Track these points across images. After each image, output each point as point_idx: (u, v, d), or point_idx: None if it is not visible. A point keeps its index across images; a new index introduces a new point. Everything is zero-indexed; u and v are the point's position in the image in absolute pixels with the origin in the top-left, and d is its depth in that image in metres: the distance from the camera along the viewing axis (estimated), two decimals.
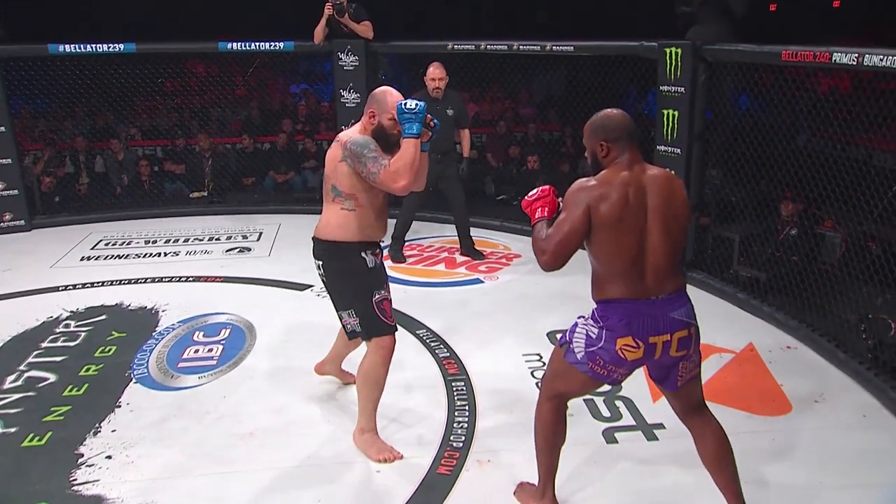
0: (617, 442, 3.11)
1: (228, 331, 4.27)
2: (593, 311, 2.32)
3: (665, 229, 2.24)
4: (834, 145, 4.17)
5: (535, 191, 2.46)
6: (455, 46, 5.91)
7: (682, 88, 4.61)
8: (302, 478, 2.90)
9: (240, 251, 5.87)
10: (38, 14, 9.33)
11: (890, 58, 3.13)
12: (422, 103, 2.74)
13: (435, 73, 5.14)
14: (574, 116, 6.79)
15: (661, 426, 3.18)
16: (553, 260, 2.23)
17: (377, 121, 2.85)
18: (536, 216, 2.39)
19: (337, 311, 2.99)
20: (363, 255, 2.92)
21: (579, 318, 2.38)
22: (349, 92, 6.42)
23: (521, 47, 5.69)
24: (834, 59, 3.47)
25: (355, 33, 6.31)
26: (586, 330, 2.32)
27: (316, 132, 7.81)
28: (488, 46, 5.82)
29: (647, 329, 2.23)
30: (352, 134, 2.89)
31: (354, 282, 2.91)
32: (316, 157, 7.54)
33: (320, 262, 2.98)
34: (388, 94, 2.86)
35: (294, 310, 4.62)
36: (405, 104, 2.73)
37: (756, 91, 4.33)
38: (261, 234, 6.31)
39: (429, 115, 2.80)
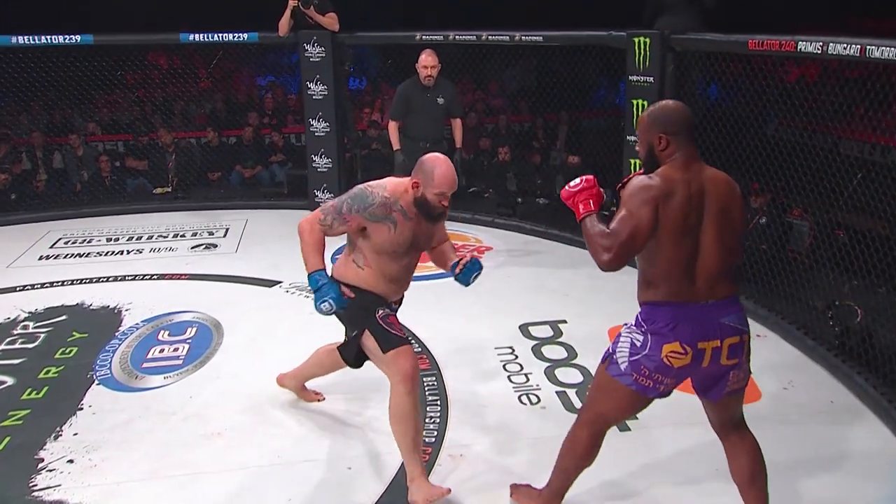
0: None
1: (195, 329, 4.17)
2: (637, 317, 2.20)
3: (720, 234, 2.12)
4: (802, 134, 4.21)
5: (577, 181, 2.25)
6: (423, 37, 5.84)
7: (651, 78, 4.61)
8: (271, 478, 2.84)
9: (206, 248, 5.75)
10: None
11: (853, 46, 3.15)
12: (335, 306, 2.60)
13: (427, 61, 5.04)
14: (545, 107, 6.79)
15: (634, 417, 3.17)
16: (616, 260, 2.06)
17: (421, 192, 2.60)
18: (582, 210, 2.20)
19: (345, 333, 2.80)
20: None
21: (624, 327, 2.24)
22: (316, 84, 6.31)
23: (489, 37, 5.65)
24: (799, 47, 3.49)
25: (321, 25, 6.20)
26: (631, 338, 2.18)
27: (283, 125, 7.70)
28: (456, 37, 5.77)
29: (696, 334, 2.11)
30: (381, 183, 2.67)
31: (357, 301, 2.70)
32: (283, 151, 7.43)
33: None
34: (437, 168, 2.58)
35: (262, 307, 4.53)
36: (320, 304, 2.60)
37: (725, 80, 4.34)
38: (227, 230, 6.19)
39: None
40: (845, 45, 3.20)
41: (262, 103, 7.86)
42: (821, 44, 3.35)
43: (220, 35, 6.33)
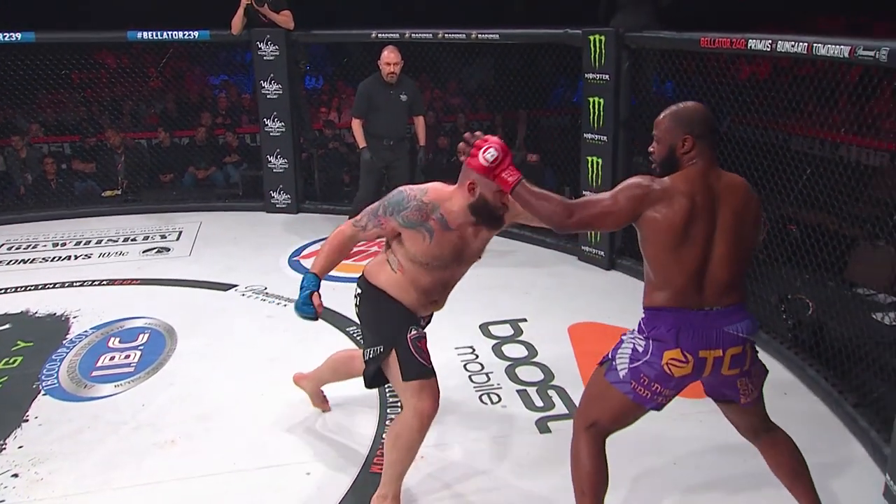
0: (550, 431, 3.09)
1: (147, 335, 4.05)
2: (640, 322, 2.14)
3: (733, 243, 2.06)
4: (754, 131, 4.28)
5: (492, 150, 2.15)
6: (379, 35, 5.79)
7: (607, 76, 4.64)
8: (229, 485, 2.77)
9: (158, 251, 5.59)
10: None
11: (800, 43, 3.21)
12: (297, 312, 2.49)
13: (390, 58, 4.99)
14: (504, 105, 6.80)
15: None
16: (577, 225, 2.11)
17: (478, 194, 2.34)
18: (512, 180, 2.14)
19: (363, 349, 2.58)
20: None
21: (626, 333, 2.19)
22: (270, 83, 6.20)
23: (446, 35, 5.63)
24: (749, 45, 3.55)
25: (275, 23, 6.10)
26: (633, 344, 2.12)
27: (238, 125, 7.55)
28: (412, 35, 5.73)
29: (698, 342, 2.05)
30: (423, 188, 2.46)
31: (386, 313, 2.50)
32: (238, 152, 7.29)
33: (356, 290, 2.63)
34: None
35: (218, 311, 4.42)
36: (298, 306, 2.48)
37: (680, 78, 4.39)
38: (180, 232, 6.04)
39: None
40: (793, 43, 3.26)
41: (216, 103, 7.70)
42: (770, 42, 3.41)
43: (170, 33, 6.17)
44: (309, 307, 2.48)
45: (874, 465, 2.79)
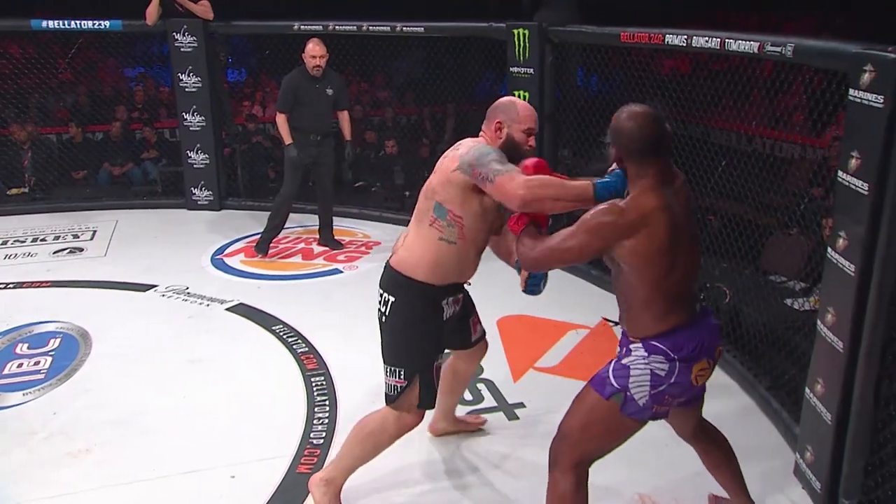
0: None
1: (58, 340, 3.84)
2: (654, 347, 1.98)
3: (693, 238, 2.04)
4: (676, 124, 4.39)
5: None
6: (301, 27, 5.67)
7: (531, 70, 4.68)
8: (149, 493, 2.65)
9: (70, 252, 5.32)
10: None
11: (713, 39, 3.31)
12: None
13: (315, 51, 4.86)
14: (432, 99, 6.78)
15: (521, 405, 3.21)
16: (535, 264, 2.08)
17: (505, 133, 2.31)
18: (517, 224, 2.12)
19: (384, 364, 2.44)
20: (443, 303, 2.40)
21: (625, 360, 2.03)
22: (189, 75, 5.99)
23: (370, 28, 5.56)
24: (667, 40, 3.64)
25: (193, 13, 5.89)
26: (650, 369, 1.98)
27: (156, 119, 7.24)
28: (336, 27, 5.64)
29: (713, 344, 2.04)
30: (473, 142, 2.34)
31: (421, 336, 2.37)
32: (157, 147, 7.00)
33: (386, 297, 2.40)
34: (518, 104, 2.37)
35: (136, 312, 4.24)
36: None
37: (605, 72, 4.47)
38: (95, 232, 5.77)
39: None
40: (707, 39, 3.36)
41: (132, 96, 7.38)
42: (685, 37, 3.51)
43: (79, 22, 5.89)
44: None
45: (785, 444, 2.91)
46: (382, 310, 2.41)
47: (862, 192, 2.27)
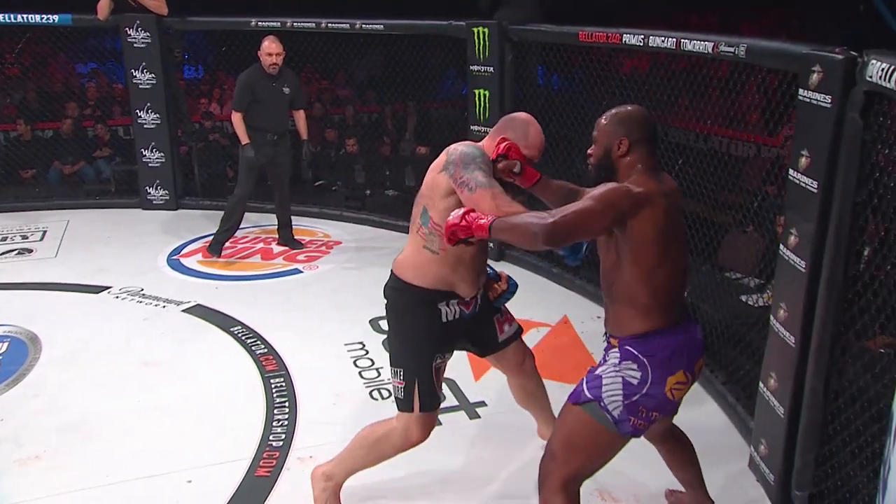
0: (441, 423, 3.06)
1: (5, 345, 3.73)
2: (627, 352, 1.94)
3: (684, 241, 2.00)
4: None
5: (456, 212, 1.99)
6: (259, 23, 5.59)
7: (491, 68, 4.68)
8: (101, 500, 2.59)
9: (18, 253, 5.16)
10: None
11: (670, 39, 3.36)
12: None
13: (271, 48, 4.75)
14: (393, 97, 6.74)
15: (482, 404, 3.21)
16: (559, 227, 1.80)
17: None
18: (484, 221, 1.94)
19: (390, 358, 2.41)
20: (440, 306, 2.31)
21: (598, 370, 1.99)
22: (142, 72, 5.86)
23: (329, 25, 5.51)
24: (624, 39, 3.68)
25: (146, 8, 5.76)
26: (622, 377, 1.92)
27: (109, 117, 7.06)
28: (294, 24, 5.57)
29: (694, 356, 1.97)
30: (466, 144, 2.25)
31: (416, 337, 2.32)
32: (110, 145, 6.83)
33: (386, 302, 2.41)
34: (532, 128, 2.27)
35: (89, 315, 4.13)
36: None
37: (566, 71, 4.49)
38: (45, 232, 5.60)
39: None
40: (663, 38, 3.41)
41: (84, 93, 7.18)
42: (642, 36, 3.55)
43: (26, 16, 5.71)
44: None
45: (741, 438, 2.96)
46: (387, 313, 2.41)
47: (811, 190, 2.32)
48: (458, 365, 3.49)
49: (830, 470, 2.37)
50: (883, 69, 1.95)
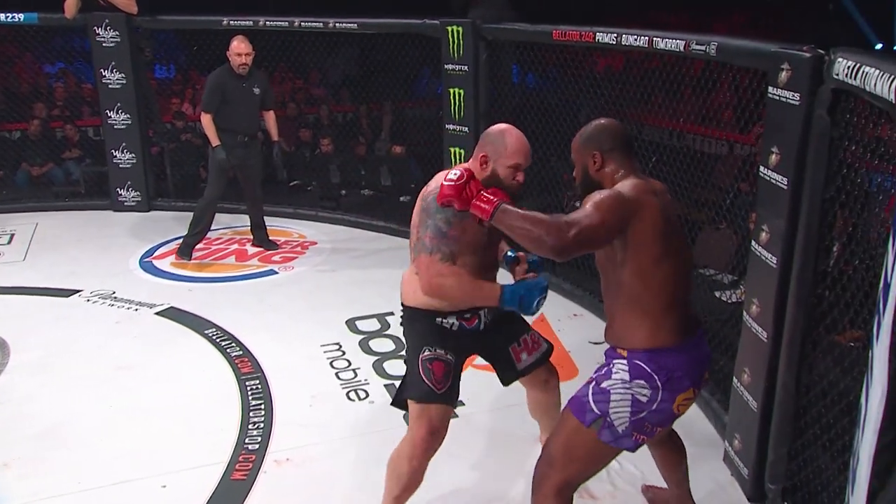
0: None
1: None
2: (638, 368, 1.90)
3: (684, 242, 1.97)
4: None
5: (456, 173, 1.96)
6: (231, 22, 5.53)
7: (466, 67, 4.68)
8: None
9: None
10: None
11: (642, 37, 3.38)
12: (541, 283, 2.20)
13: (241, 48, 4.67)
14: (368, 96, 6.69)
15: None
16: (576, 240, 1.76)
17: (490, 169, 2.19)
18: (495, 199, 1.90)
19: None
20: (437, 318, 2.34)
21: (605, 383, 1.94)
22: (112, 72, 5.77)
23: (302, 24, 5.46)
24: (597, 38, 3.69)
25: (115, 7, 5.67)
26: (632, 395, 1.89)
27: (78, 117, 6.94)
28: (267, 22, 5.52)
29: (701, 372, 1.96)
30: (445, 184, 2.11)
31: (413, 337, 2.37)
32: (79, 146, 6.72)
33: (401, 316, 2.47)
34: (508, 136, 2.21)
35: (59, 319, 4.06)
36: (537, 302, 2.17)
37: (541, 70, 4.50)
38: (12, 235, 5.49)
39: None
40: (636, 37, 3.43)
41: (52, 93, 7.05)
42: (615, 35, 3.57)
43: None
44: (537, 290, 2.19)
45: (715, 432, 2.99)
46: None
47: (781, 187, 2.35)
48: None
49: (803, 463, 2.40)
50: (849, 67, 1.98)
